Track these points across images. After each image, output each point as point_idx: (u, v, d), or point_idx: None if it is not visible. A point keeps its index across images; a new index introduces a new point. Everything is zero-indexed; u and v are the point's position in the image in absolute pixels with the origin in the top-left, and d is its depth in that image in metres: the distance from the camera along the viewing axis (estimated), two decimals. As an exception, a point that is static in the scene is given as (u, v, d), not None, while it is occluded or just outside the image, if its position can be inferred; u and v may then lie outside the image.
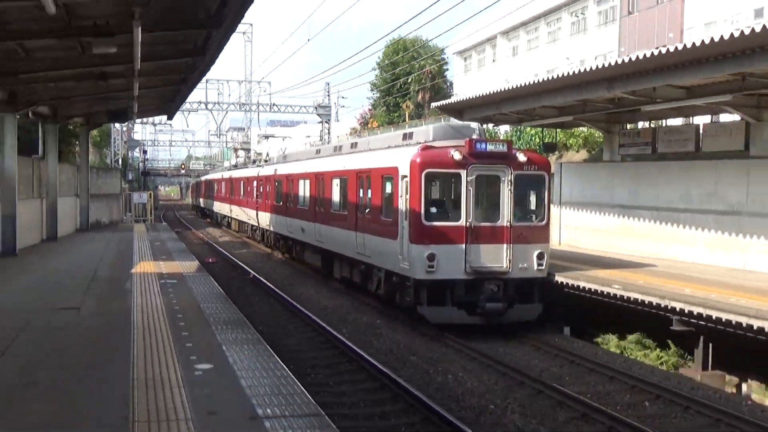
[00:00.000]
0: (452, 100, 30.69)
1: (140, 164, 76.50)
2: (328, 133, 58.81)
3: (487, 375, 12.96)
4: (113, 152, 62.89)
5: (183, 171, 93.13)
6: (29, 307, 13.59)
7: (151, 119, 62.84)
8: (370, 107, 73.46)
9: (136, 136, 75.20)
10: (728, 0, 32.37)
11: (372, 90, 68.92)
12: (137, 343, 10.51)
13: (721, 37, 12.57)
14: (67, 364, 9.53)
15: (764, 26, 11.62)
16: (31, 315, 12.67)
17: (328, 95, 59.74)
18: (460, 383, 12.33)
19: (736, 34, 12.21)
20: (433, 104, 31.74)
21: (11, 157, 22.26)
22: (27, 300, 14.52)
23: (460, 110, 26.26)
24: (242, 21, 14.25)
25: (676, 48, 13.77)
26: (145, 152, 78.05)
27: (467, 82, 57.92)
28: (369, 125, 63.33)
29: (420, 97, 60.33)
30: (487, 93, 21.98)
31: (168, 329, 11.60)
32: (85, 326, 12.02)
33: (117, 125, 58.85)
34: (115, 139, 63.34)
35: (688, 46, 13.42)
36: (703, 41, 12.95)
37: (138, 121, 59.81)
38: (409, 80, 61.63)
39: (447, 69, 65.03)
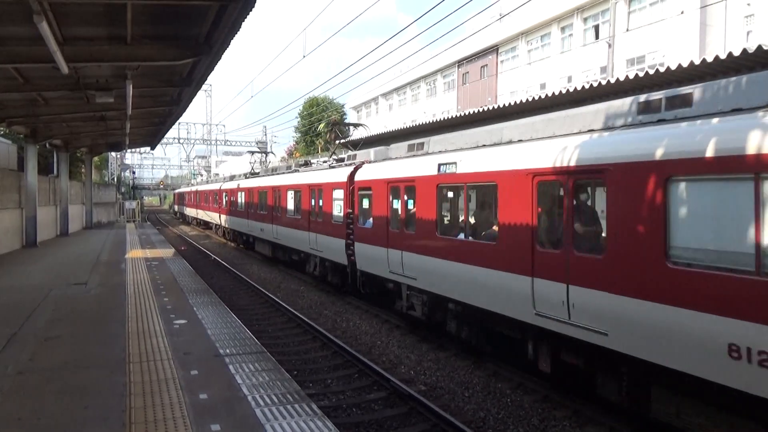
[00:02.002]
0: (350, 138, 30.82)
1: (131, 181, 72.43)
2: (266, 161, 57.79)
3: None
4: (110, 172, 59.44)
5: (161, 186, 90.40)
6: (49, 282, 12.65)
7: (138, 149, 59.78)
8: (294, 143, 72.64)
9: (127, 161, 70.95)
10: (524, 77, 34.03)
11: (295, 131, 68.00)
12: (130, 306, 9.99)
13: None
14: (78, 321, 8.95)
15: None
16: (50, 288, 11.83)
17: (265, 134, 58.60)
18: (358, 328, 12.32)
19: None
20: (338, 141, 31.63)
21: (33, 176, 20.64)
22: (47, 278, 13.49)
23: (356, 144, 26.38)
24: (206, 82, 13.84)
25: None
26: (133, 173, 73.82)
27: (360, 128, 58.23)
28: (293, 156, 62.61)
29: (328, 136, 60.16)
30: (372, 134, 22.30)
31: (153, 296, 11.08)
32: (91, 295, 11.30)
33: (113, 153, 55.60)
34: (111, 163, 59.98)
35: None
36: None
37: (128, 150, 56.53)
38: (320, 125, 61.37)
39: (346, 118, 64.96)
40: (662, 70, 10.53)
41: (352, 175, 13.86)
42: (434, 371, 9.34)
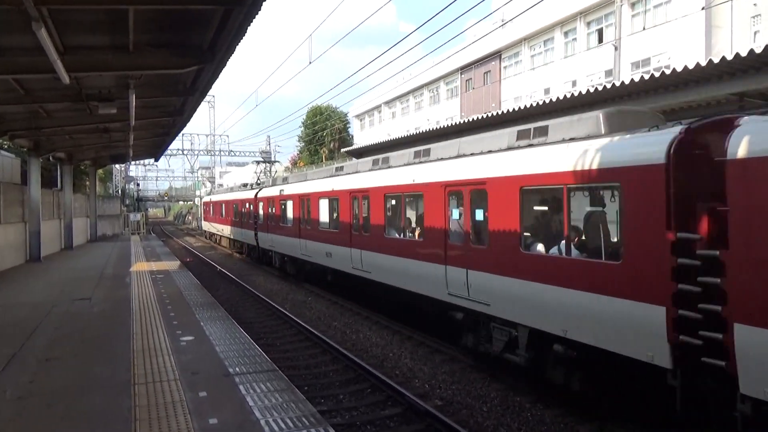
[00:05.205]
0: (355, 146, 30.56)
1: (135, 193, 72.33)
2: (269, 171, 57.60)
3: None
4: (114, 185, 59.42)
5: (165, 198, 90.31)
6: (52, 298, 12.32)
7: (142, 161, 59.90)
8: (298, 152, 72.53)
9: (131, 173, 70.88)
10: (528, 82, 33.80)
11: (299, 141, 67.88)
12: (135, 322, 9.67)
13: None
14: (81, 339, 8.62)
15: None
16: (53, 304, 11.50)
17: (269, 144, 58.33)
18: (369, 340, 11.93)
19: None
20: (343, 150, 31.42)
21: (36, 189, 20.41)
22: (50, 293, 13.15)
23: (361, 153, 26.09)
24: (209, 92, 13.59)
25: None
26: (138, 185, 73.68)
27: (363, 136, 57.96)
28: (297, 165, 62.43)
29: (332, 145, 60.02)
30: (378, 142, 22.00)
31: (158, 311, 10.75)
32: (95, 311, 10.97)
33: (117, 165, 55.52)
34: (115, 175, 59.98)
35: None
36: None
37: (132, 162, 56.44)
38: (324, 134, 61.23)
39: (350, 126, 64.86)
40: (668, 72, 10.23)
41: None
42: (449, 384, 8.97)
